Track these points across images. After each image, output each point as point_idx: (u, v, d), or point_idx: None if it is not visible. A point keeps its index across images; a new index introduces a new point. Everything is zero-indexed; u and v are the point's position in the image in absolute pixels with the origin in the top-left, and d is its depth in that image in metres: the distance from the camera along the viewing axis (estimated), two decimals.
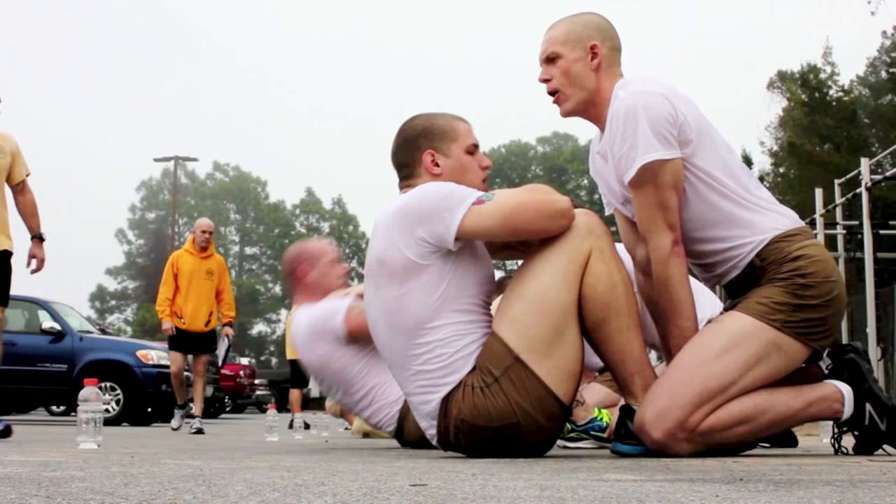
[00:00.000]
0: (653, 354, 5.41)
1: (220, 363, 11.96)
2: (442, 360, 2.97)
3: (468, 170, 3.22)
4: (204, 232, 9.68)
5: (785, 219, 3.17)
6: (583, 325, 3.01)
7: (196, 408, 9.35)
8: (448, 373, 2.97)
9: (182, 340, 9.50)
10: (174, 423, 9.55)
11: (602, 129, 3.26)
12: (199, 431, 8.56)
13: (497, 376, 2.91)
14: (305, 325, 4.17)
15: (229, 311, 9.90)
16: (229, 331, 10.05)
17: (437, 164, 3.20)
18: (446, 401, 2.97)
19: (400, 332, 3.03)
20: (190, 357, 9.67)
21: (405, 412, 4.11)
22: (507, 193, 3.02)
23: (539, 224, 3.00)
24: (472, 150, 3.26)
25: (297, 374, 13.76)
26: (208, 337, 9.67)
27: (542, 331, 2.93)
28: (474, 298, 3.04)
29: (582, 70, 3.22)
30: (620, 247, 3.63)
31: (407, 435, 4.33)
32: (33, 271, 6.16)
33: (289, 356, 13.96)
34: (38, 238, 6.20)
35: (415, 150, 3.24)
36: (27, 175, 6.28)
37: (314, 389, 16.79)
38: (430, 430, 3.07)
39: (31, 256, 6.14)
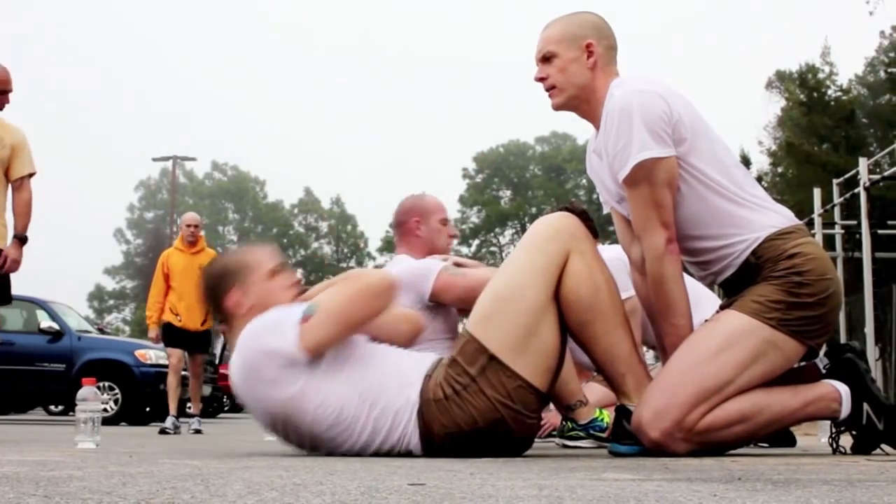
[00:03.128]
0: (650, 354, 5.42)
1: (217, 360, 11.45)
2: (387, 413, 2.96)
3: (273, 295, 3.16)
4: (189, 226, 9.26)
5: (780, 217, 3.18)
6: (569, 327, 3.02)
7: (194, 407, 9.19)
8: (394, 411, 2.95)
9: (177, 337, 9.11)
10: (167, 423, 8.72)
11: (597, 127, 3.27)
12: (198, 432, 8.39)
13: (474, 376, 2.91)
14: (400, 271, 4.07)
15: None
16: (224, 328, 9.59)
17: (241, 305, 3.17)
18: (423, 422, 2.94)
19: (330, 431, 2.98)
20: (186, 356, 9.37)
21: None
22: (327, 298, 2.98)
23: (369, 310, 3.01)
24: (275, 272, 3.22)
25: None
26: (204, 337, 9.32)
27: (517, 329, 2.93)
28: (381, 376, 3.01)
29: (578, 69, 3.23)
30: (617, 248, 3.64)
31: None
32: (3, 271, 6.02)
33: None
34: (18, 239, 6.08)
35: (218, 295, 3.21)
36: (30, 174, 6.16)
37: None
38: (417, 451, 3.02)
39: (4, 255, 5.99)
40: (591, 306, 2.98)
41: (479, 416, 2.91)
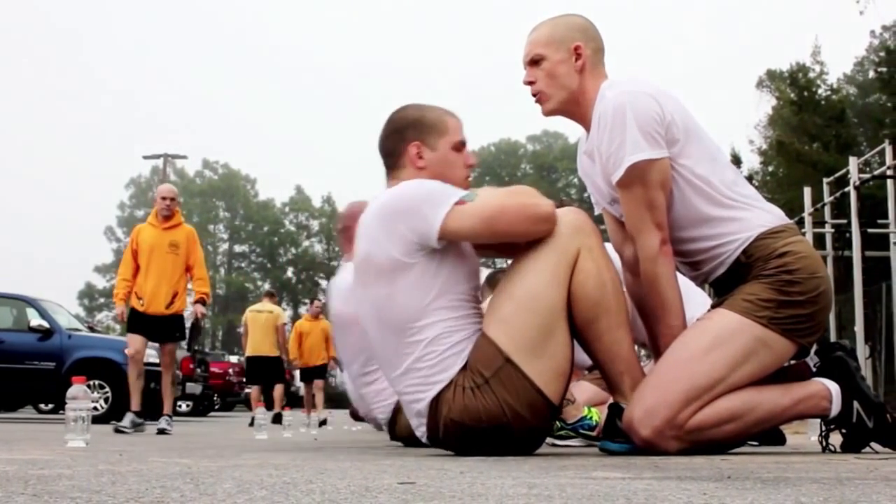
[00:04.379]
0: (642, 353, 5.42)
1: (187, 350, 10.44)
2: (433, 358, 2.96)
3: (453, 166, 3.18)
4: (164, 198, 8.25)
5: (771, 216, 3.18)
6: (574, 323, 3.01)
7: (165, 404, 8.20)
8: (439, 370, 2.96)
9: (140, 323, 8.07)
10: (125, 420, 7.78)
11: (587, 129, 3.27)
12: (162, 432, 7.58)
13: (488, 377, 2.91)
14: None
15: (201, 287, 8.38)
16: (200, 309, 8.56)
17: (421, 157, 3.17)
18: (437, 400, 2.96)
19: (390, 331, 3.01)
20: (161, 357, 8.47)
21: (401, 405, 4.12)
22: (490, 195, 3.00)
23: (521, 228, 2.99)
24: (460, 147, 3.22)
25: (252, 371, 13.85)
26: (172, 322, 8.18)
27: (532, 331, 2.93)
28: (462, 294, 3.03)
29: (566, 71, 3.23)
30: (609, 246, 3.64)
31: (399, 430, 4.34)
32: None
33: (248, 353, 13.99)
34: None
35: (401, 140, 3.20)
36: None
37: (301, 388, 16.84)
38: (420, 428, 3.07)
39: None
40: (597, 303, 2.98)
41: (485, 415, 2.90)
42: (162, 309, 8.03)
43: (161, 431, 7.58)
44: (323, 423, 10.98)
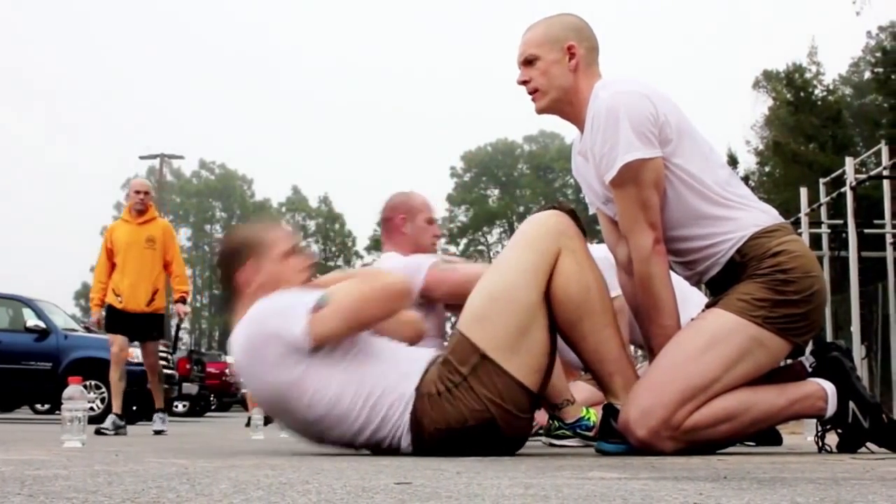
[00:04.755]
0: (638, 353, 5.43)
1: (171, 350, 9.96)
2: (380, 405, 2.95)
3: (284, 277, 3.13)
4: (138, 192, 7.99)
5: (765, 215, 3.19)
6: (559, 325, 3.02)
7: (157, 401, 8.02)
8: (397, 407, 2.94)
9: (120, 322, 7.82)
10: (106, 422, 7.46)
11: (581, 129, 3.28)
12: (159, 433, 7.55)
13: (465, 374, 2.90)
14: (389, 268, 4.03)
15: (181, 285, 8.21)
16: (182, 308, 8.34)
17: (249, 283, 3.13)
18: (415, 416, 2.93)
19: (334, 414, 2.97)
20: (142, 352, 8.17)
21: None
22: (343, 291, 2.97)
23: (382, 311, 3.01)
24: (289, 254, 3.20)
25: None
26: (153, 320, 7.97)
27: (508, 329, 2.93)
28: (381, 370, 3.00)
29: (560, 71, 3.23)
30: (604, 247, 3.64)
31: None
32: None
33: None
34: None
35: (231, 267, 3.18)
36: None
37: None
38: (407, 449, 3.02)
39: None
40: (580, 305, 2.98)
41: (469, 415, 2.90)
42: (142, 306, 7.82)
43: (158, 432, 7.46)
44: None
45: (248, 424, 10.33)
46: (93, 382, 12.36)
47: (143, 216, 7.98)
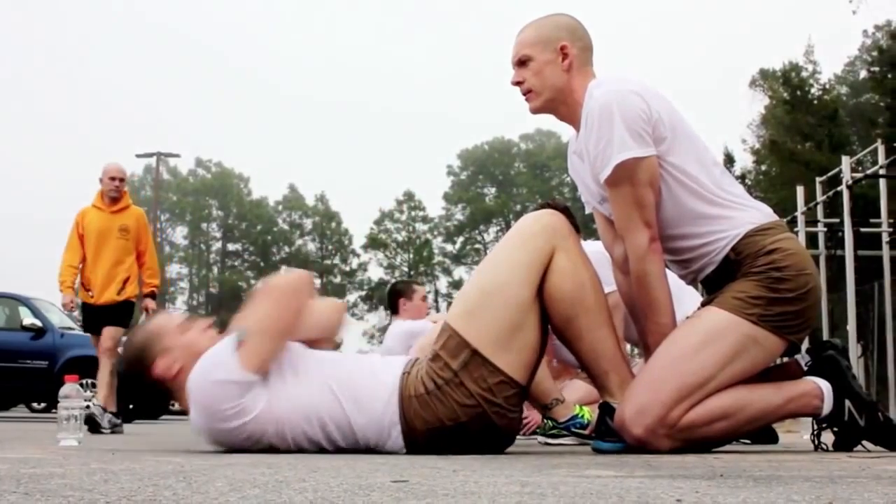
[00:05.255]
0: (634, 352, 5.43)
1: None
2: (366, 412, 2.94)
3: (195, 343, 3.07)
4: (113, 179, 7.57)
5: (759, 213, 3.19)
6: (553, 324, 3.02)
7: (99, 395, 7.31)
8: (383, 413, 2.94)
9: (94, 319, 7.47)
10: (102, 422, 7.18)
11: (576, 128, 3.28)
12: (113, 428, 7.03)
13: (456, 370, 2.91)
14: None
15: (152, 279, 7.78)
16: (150, 303, 7.75)
17: (171, 369, 3.07)
18: (405, 419, 2.93)
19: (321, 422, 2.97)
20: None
21: None
22: (251, 317, 2.96)
23: (295, 307, 3.01)
24: (184, 326, 3.16)
25: None
26: (122, 309, 7.54)
27: (500, 325, 2.93)
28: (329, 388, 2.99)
29: (553, 71, 3.23)
30: (599, 244, 3.65)
31: None
32: None
33: None
34: None
35: (144, 371, 3.10)
36: None
37: None
38: (402, 451, 3.01)
39: None
40: (575, 303, 2.99)
41: (460, 411, 2.91)
42: (114, 297, 7.48)
43: (114, 428, 7.07)
44: None
45: None
46: (89, 381, 12.33)
47: (116, 204, 7.60)
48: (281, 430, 2.93)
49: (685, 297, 3.91)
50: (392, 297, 7.21)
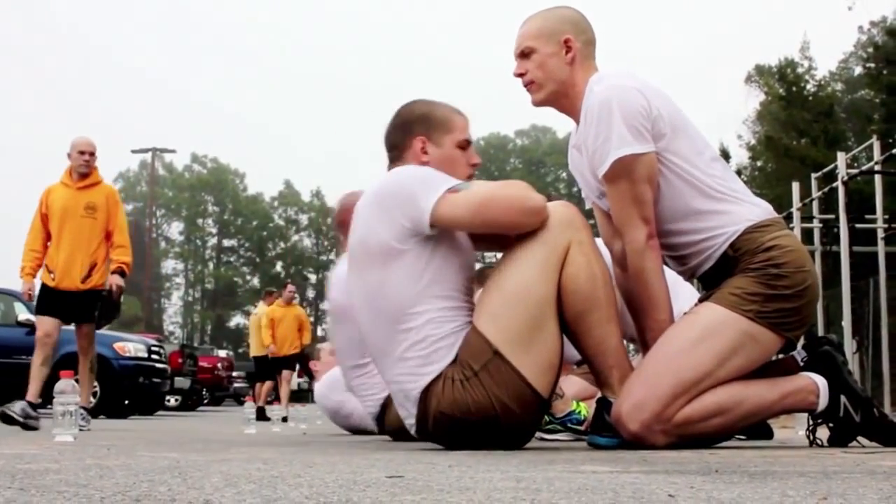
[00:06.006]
0: (630, 347, 5.43)
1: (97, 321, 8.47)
2: (424, 347, 2.95)
3: (456, 164, 3.19)
4: (82, 153, 6.97)
5: (758, 209, 3.19)
6: (565, 317, 3.02)
7: (82, 396, 6.69)
8: (429, 361, 2.95)
9: (52, 301, 6.82)
10: (16, 407, 6.65)
11: (577, 121, 3.28)
12: (22, 417, 6.46)
13: (476, 370, 2.91)
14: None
15: (121, 256, 7.06)
16: (117, 281, 7.02)
17: (426, 153, 3.18)
18: (426, 392, 2.95)
19: (383, 318, 3.01)
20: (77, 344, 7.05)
21: (390, 399, 4.12)
22: (483, 185, 3.03)
23: (511, 218, 2.99)
24: (465, 145, 3.23)
25: (261, 369, 13.92)
26: (88, 299, 6.90)
27: (521, 324, 2.93)
28: (455, 284, 3.03)
29: (556, 64, 3.23)
30: (599, 241, 3.65)
31: (388, 422, 4.35)
32: None
33: (252, 353, 14.07)
34: None
35: (408, 133, 3.22)
36: None
37: (294, 382, 16.83)
38: (409, 420, 3.06)
39: None
40: (588, 297, 2.98)
41: (473, 406, 2.90)
42: (77, 283, 6.84)
43: (19, 415, 6.50)
44: (284, 419, 10.09)
45: (259, 418, 10.27)
46: None
47: (84, 180, 6.99)
48: (391, 279, 2.98)
49: (682, 293, 3.90)
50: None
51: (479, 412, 2.91)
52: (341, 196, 4.65)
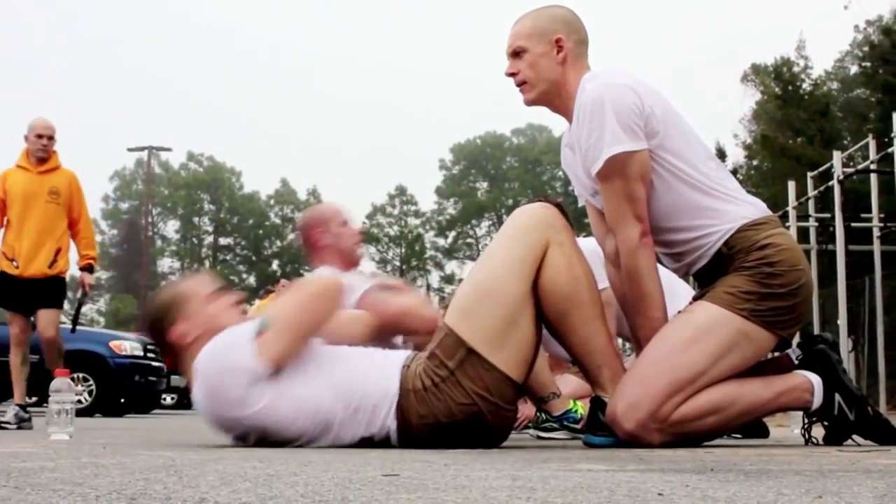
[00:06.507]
0: (626, 347, 5.43)
1: (71, 325, 8.16)
2: (366, 407, 2.95)
3: (218, 317, 3.11)
4: (40, 136, 6.66)
5: (753, 208, 3.20)
6: (547, 318, 3.02)
7: (16, 393, 6.62)
8: (381, 407, 2.95)
9: (17, 292, 6.58)
10: (7, 417, 6.46)
11: (570, 121, 3.29)
12: (20, 424, 6.25)
13: (452, 368, 2.91)
14: None
15: (88, 249, 6.90)
16: (88, 277, 6.94)
17: (184, 334, 3.10)
18: (401, 412, 2.94)
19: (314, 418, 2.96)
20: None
21: None
22: (278, 310, 2.98)
23: (323, 312, 3.02)
24: (214, 295, 3.19)
25: None
26: (53, 286, 6.67)
27: (495, 322, 2.93)
28: (355, 360, 3.04)
29: (548, 64, 3.24)
30: (593, 240, 3.65)
31: None
32: None
33: None
34: None
35: (163, 330, 3.15)
36: None
37: None
38: (393, 436, 3.02)
39: None
40: (569, 297, 2.99)
41: (456, 409, 2.91)
42: (44, 269, 6.57)
43: (20, 424, 6.27)
44: None
45: None
46: (80, 375, 12.33)
47: (44, 164, 6.69)
48: (279, 428, 2.93)
49: (679, 291, 3.91)
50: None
51: (463, 413, 2.91)
52: (302, 215, 4.70)
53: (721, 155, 30.22)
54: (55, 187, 6.68)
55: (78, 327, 7.67)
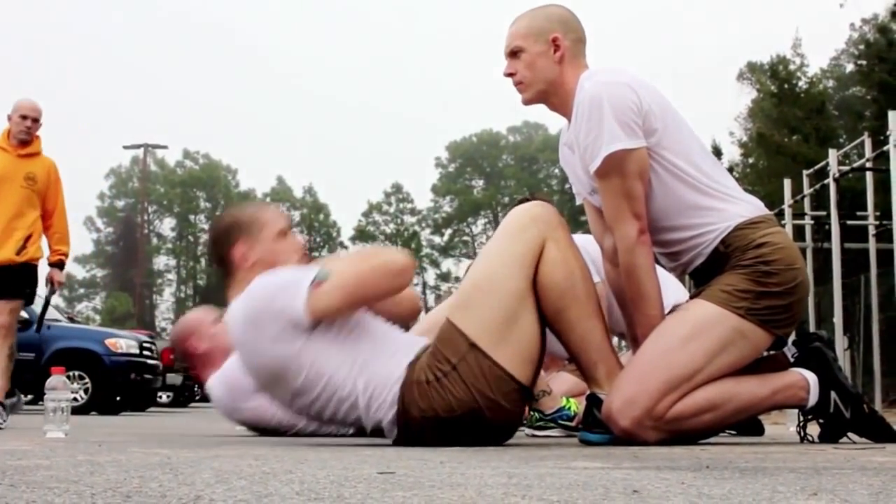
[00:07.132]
0: (622, 344, 5.44)
1: (35, 322, 7.75)
2: (371, 385, 2.95)
3: (282, 254, 3.21)
4: (25, 118, 6.24)
5: (750, 206, 3.20)
6: (544, 314, 3.02)
7: (1, 383, 5.98)
8: (387, 392, 2.95)
9: None
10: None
11: (568, 119, 3.28)
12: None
13: (454, 364, 2.91)
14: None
15: (60, 244, 6.51)
16: (57, 274, 6.57)
17: (247, 259, 3.20)
18: (402, 403, 2.94)
19: (325, 396, 2.99)
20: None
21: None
22: (343, 266, 3.00)
23: (382, 289, 3.03)
24: (283, 233, 3.27)
25: None
26: (23, 274, 6.20)
27: (496, 317, 2.93)
28: (378, 333, 3.05)
29: (545, 63, 3.23)
30: (584, 237, 3.65)
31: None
32: None
33: None
34: None
35: (226, 245, 3.24)
36: None
37: None
38: (392, 432, 3.02)
39: None
40: (566, 293, 2.99)
41: (456, 405, 2.90)
42: (12, 256, 6.10)
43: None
44: None
45: None
46: (76, 373, 12.32)
47: (25, 147, 6.27)
48: (289, 378, 2.95)
49: (668, 287, 3.91)
50: None
51: (463, 408, 2.90)
52: (171, 333, 4.70)
53: (717, 153, 30.21)
54: (32, 173, 6.28)
55: (74, 325, 7.32)
